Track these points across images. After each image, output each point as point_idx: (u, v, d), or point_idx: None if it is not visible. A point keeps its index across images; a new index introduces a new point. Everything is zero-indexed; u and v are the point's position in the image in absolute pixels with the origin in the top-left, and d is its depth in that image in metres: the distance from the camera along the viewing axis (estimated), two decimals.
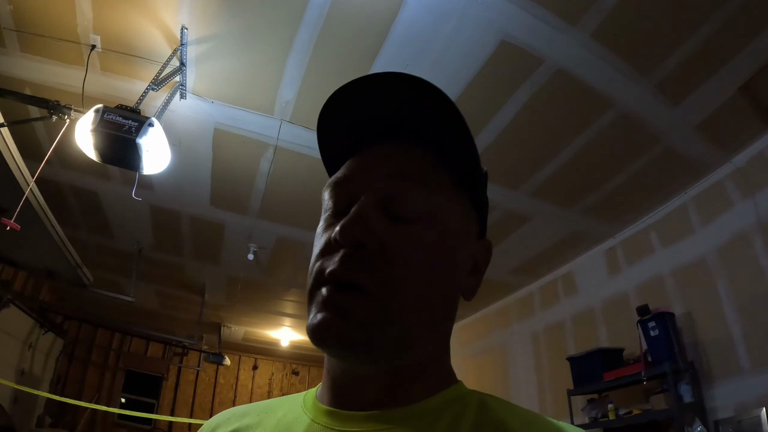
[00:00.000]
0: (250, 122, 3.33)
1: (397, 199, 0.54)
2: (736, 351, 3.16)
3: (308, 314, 0.53)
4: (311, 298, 0.53)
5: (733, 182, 3.39)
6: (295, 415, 0.58)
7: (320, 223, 0.60)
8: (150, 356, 8.89)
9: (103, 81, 3.07)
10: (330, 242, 0.53)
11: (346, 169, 0.59)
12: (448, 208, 0.57)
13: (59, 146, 3.03)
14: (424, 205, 0.55)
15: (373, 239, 0.51)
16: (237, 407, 0.68)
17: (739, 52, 2.61)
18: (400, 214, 0.54)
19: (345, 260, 0.51)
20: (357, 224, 0.51)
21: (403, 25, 2.58)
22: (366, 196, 0.54)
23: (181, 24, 2.65)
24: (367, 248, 0.51)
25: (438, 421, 0.50)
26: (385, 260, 0.51)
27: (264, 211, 4.39)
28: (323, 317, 0.50)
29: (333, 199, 0.59)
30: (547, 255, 4.78)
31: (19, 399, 6.14)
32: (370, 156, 0.59)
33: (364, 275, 0.50)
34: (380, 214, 0.53)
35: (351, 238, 0.50)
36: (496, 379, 5.63)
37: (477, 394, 0.55)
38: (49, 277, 5.10)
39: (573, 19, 2.48)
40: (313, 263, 0.55)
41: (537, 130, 3.22)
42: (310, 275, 0.55)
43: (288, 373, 10.05)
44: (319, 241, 0.57)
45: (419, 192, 0.55)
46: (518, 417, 0.50)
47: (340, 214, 0.55)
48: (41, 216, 3.59)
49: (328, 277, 0.51)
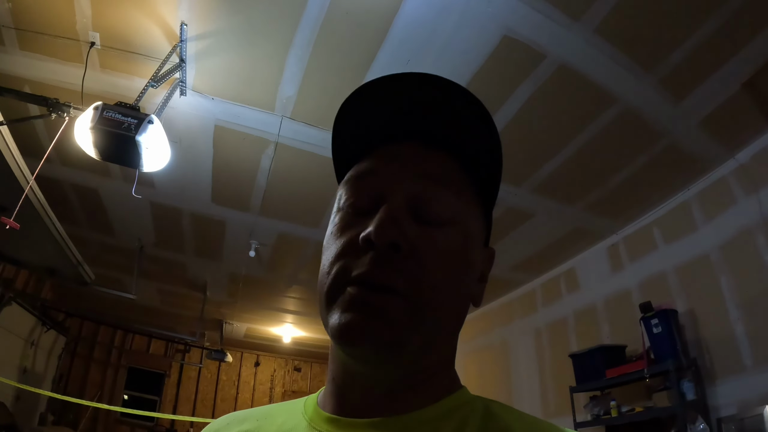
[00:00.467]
0: (250, 119, 3.31)
1: (426, 202, 0.54)
2: (739, 349, 3.15)
3: (328, 315, 0.51)
4: (332, 299, 0.51)
5: (737, 179, 3.37)
6: (295, 421, 0.57)
7: (335, 218, 0.58)
8: (152, 353, 8.91)
9: (103, 78, 3.06)
10: (355, 242, 0.51)
11: (370, 166, 0.58)
12: (469, 214, 0.57)
13: (59, 144, 3.02)
14: (451, 210, 0.54)
15: (406, 241, 0.50)
16: (237, 412, 0.67)
17: (742, 48, 2.59)
18: (427, 217, 0.53)
19: (378, 262, 0.49)
20: (393, 226, 0.50)
21: (405, 21, 2.56)
22: (395, 197, 0.53)
23: (181, 20, 2.64)
24: (401, 251, 0.49)
25: (443, 427, 0.50)
26: (416, 263, 0.50)
27: (265, 208, 4.38)
28: (353, 317, 0.48)
29: (355, 196, 0.57)
30: (549, 251, 4.77)
31: (22, 397, 6.15)
32: (396, 155, 0.57)
33: (397, 277, 0.49)
34: (409, 215, 0.52)
35: (388, 240, 0.49)
36: (498, 376, 5.63)
37: (481, 400, 0.54)
38: (51, 275, 5.11)
39: (576, 14, 2.45)
40: (332, 262, 0.53)
41: (540, 126, 3.20)
42: (328, 275, 0.52)
43: (290, 370, 10.07)
44: (338, 240, 0.54)
45: (447, 196, 0.55)
46: (523, 424, 0.49)
47: (363, 213, 0.54)
48: (42, 214, 3.59)
49: (357, 279, 0.49)
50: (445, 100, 0.55)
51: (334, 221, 0.57)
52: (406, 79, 0.55)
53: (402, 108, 0.57)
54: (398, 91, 0.56)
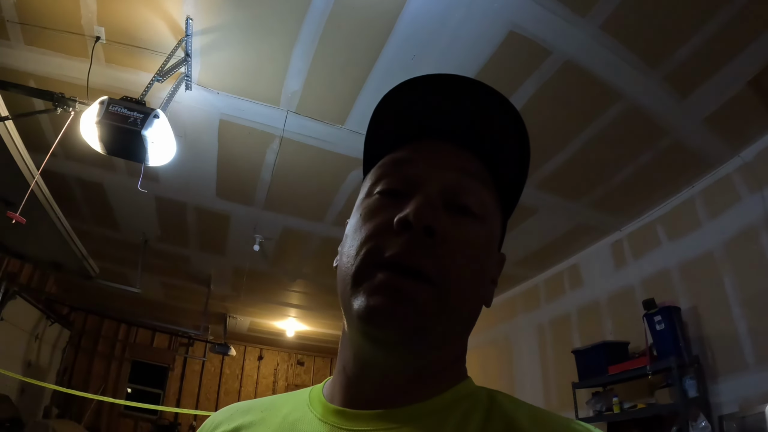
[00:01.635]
0: (255, 113, 3.32)
1: (460, 193, 0.55)
2: (741, 346, 3.15)
3: (352, 296, 0.51)
4: (359, 280, 0.51)
5: (741, 176, 3.37)
6: (301, 413, 0.57)
7: (363, 203, 0.58)
8: (156, 347, 8.95)
9: (108, 73, 3.06)
10: (389, 224, 0.51)
11: (406, 154, 0.59)
12: (494, 213, 0.58)
13: (64, 138, 3.03)
14: (483, 204, 0.56)
15: (441, 227, 0.50)
16: (239, 403, 0.67)
17: (748, 46, 2.58)
18: (459, 208, 0.54)
19: (413, 245, 0.49)
20: (431, 209, 0.50)
21: (411, 16, 2.56)
22: (431, 185, 0.54)
23: (186, 15, 2.63)
24: (435, 236, 0.50)
25: (447, 418, 0.50)
26: (447, 250, 0.51)
27: (270, 202, 4.39)
28: (382, 300, 0.48)
29: (389, 180, 0.57)
30: (553, 247, 4.77)
31: (26, 390, 6.20)
32: (434, 148, 0.59)
33: (428, 262, 0.49)
34: (441, 204, 0.53)
35: (425, 222, 0.49)
36: (500, 371, 5.64)
37: (486, 391, 0.55)
38: (56, 269, 5.13)
39: (582, 10, 2.45)
40: (361, 243, 0.53)
41: (544, 122, 3.20)
42: (356, 256, 0.52)
43: (293, 364, 10.10)
44: (369, 221, 0.54)
45: (480, 191, 0.56)
46: (528, 413, 0.50)
47: (398, 196, 0.55)
48: (47, 208, 3.60)
49: (390, 259, 0.49)
50: (483, 105, 0.56)
51: (362, 206, 0.58)
52: (451, 81, 0.56)
53: (439, 106, 0.58)
54: (441, 90, 0.57)
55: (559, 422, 0.49)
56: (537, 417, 0.49)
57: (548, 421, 0.49)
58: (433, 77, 0.57)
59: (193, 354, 9.19)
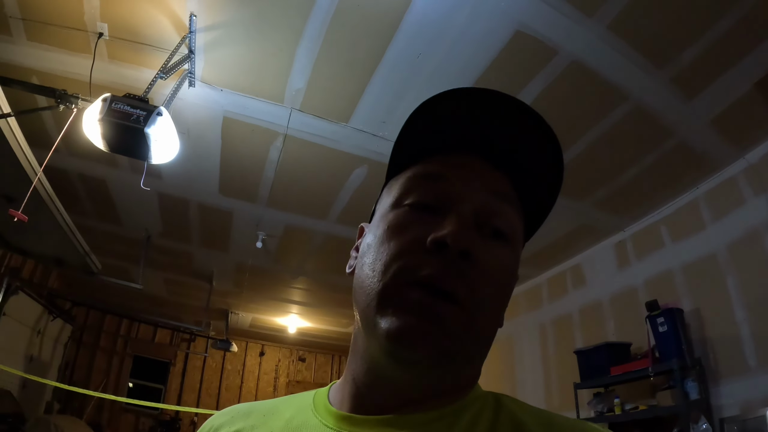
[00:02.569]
0: (259, 110, 3.31)
1: (493, 215, 0.53)
2: (743, 349, 3.15)
3: (379, 315, 0.49)
4: (387, 299, 0.50)
5: (746, 179, 3.35)
6: (305, 417, 0.56)
7: (390, 214, 0.56)
8: (158, 342, 8.98)
9: (111, 69, 3.05)
10: (419, 241, 0.50)
11: (440, 168, 0.57)
12: (520, 236, 0.57)
13: (67, 135, 3.02)
14: (513, 228, 0.55)
15: (476, 252, 0.49)
16: (239, 405, 0.66)
17: (755, 48, 2.57)
18: (492, 231, 0.53)
19: (450, 267, 0.48)
20: (468, 233, 0.49)
21: (416, 14, 2.54)
22: (465, 205, 0.52)
23: (190, 11, 2.62)
24: (470, 259, 0.49)
25: (455, 423, 0.50)
26: (479, 275, 0.50)
27: (273, 200, 4.38)
28: (416, 321, 0.47)
29: (421, 193, 0.55)
30: (556, 247, 4.76)
31: (28, 385, 6.20)
32: (465, 165, 0.57)
33: (462, 286, 0.48)
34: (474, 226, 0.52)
35: (463, 246, 0.48)
36: (502, 371, 5.62)
37: (493, 395, 0.55)
38: (58, 264, 5.13)
39: (589, 11, 2.44)
40: (392, 257, 0.51)
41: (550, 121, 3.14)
42: (384, 273, 0.51)
43: (294, 360, 10.12)
44: (398, 236, 0.52)
45: (512, 214, 0.55)
46: (536, 418, 0.50)
47: (430, 212, 0.53)
48: (49, 204, 3.60)
49: (425, 280, 0.48)
50: (524, 127, 0.55)
51: (387, 217, 0.56)
52: (488, 95, 0.55)
53: (478, 122, 0.56)
54: (478, 104, 0.56)
55: (566, 422, 0.49)
56: (546, 421, 0.49)
57: (557, 423, 0.49)
58: (471, 90, 0.55)
59: (195, 350, 9.20)
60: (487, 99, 0.55)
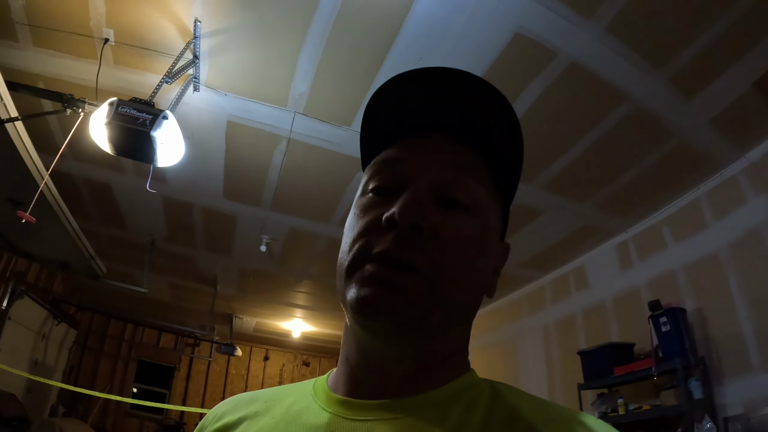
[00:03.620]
0: (263, 114, 3.34)
1: (450, 188, 0.55)
2: (747, 348, 3.14)
3: (346, 291, 0.53)
4: (350, 274, 0.53)
5: (747, 178, 3.36)
6: (305, 403, 0.58)
7: (358, 201, 0.60)
8: (162, 347, 8.99)
9: (117, 74, 3.09)
10: (378, 222, 0.53)
11: (397, 152, 0.60)
12: (489, 206, 0.59)
13: (73, 139, 3.05)
14: (473, 198, 0.56)
15: (428, 224, 0.52)
16: (243, 394, 0.68)
17: (754, 46, 2.57)
18: (450, 203, 0.55)
19: (399, 240, 0.51)
20: (417, 207, 0.52)
21: (416, 18, 2.57)
22: (420, 181, 0.55)
23: (194, 17, 2.66)
24: (422, 232, 0.51)
25: (450, 409, 0.51)
26: (437, 245, 0.52)
27: (276, 203, 4.41)
28: (372, 291, 0.50)
29: (381, 178, 0.59)
30: (558, 249, 4.77)
31: (33, 389, 6.23)
32: (423, 144, 0.59)
33: (418, 257, 0.50)
34: (432, 201, 0.54)
35: (410, 220, 0.50)
36: (506, 373, 5.63)
37: (489, 382, 0.56)
38: (63, 268, 5.15)
39: (588, 12, 2.45)
40: (354, 240, 0.55)
41: (550, 124, 3.20)
42: (349, 252, 0.55)
43: (299, 364, 10.12)
44: (361, 219, 0.56)
45: (470, 184, 0.57)
46: (530, 403, 0.51)
47: (388, 194, 0.56)
48: (55, 208, 3.62)
49: (377, 256, 0.51)
50: (473, 95, 0.57)
51: (357, 204, 0.60)
52: (434, 73, 0.57)
53: (430, 100, 0.59)
54: (426, 84, 0.58)
55: (561, 410, 0.50)
56: (539, 406, 0.50)
57: (550, 409, 0.50)
58: (418, 72, 0.57)
59: (199, 354, 9.22)
60: (434, 76, 0.57)
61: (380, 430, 0.50)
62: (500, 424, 0.48)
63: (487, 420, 0.49)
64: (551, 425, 0.47)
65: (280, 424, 0.56)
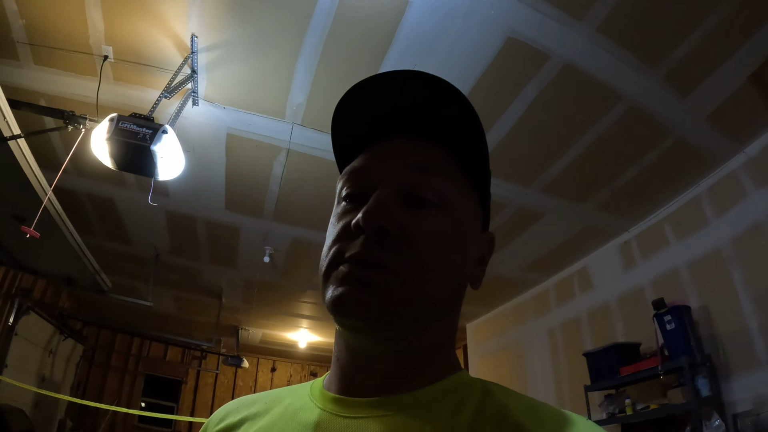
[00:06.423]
0: (262, 126, 3.36)
1: (415, 189, 0.57)
2: (753, 343, 3.13)
3: (325, 292, 0.55)
4: (327, 277, 0.55)
5: (747, 172, 3.36)
6: (302, 402, 0.60)
7: (335, 209, 0.62)
8: (169, 360, 9.00)
9: (117, 90, 3.12)
10: (349, 228, 0.55)
11: (363, 160, 0.62)
12: (461, 199, 0.60)
13: (75, 155, 3.09)
14: (440, 195, 0.57)
15: (395, 226, 0.53)
16: (246, 396, 0.70)
17: (746, 40, 2.59)
18: (417, 203, 0.56)
19: (367, 244, 0.53)
20: (380, 211, 0.53)
21: (410, 26, 2.60)
22: (385, 186, 0.57)
23: (191, 32, 2.69)
24: (389, 234, 0.53)
25: (441, 406, 0.52)
26: (406, 244, 0.53)
27: (278, 214, 4.42)
28: (345, 289, 0.52)
29: (350, 187, 0.61)
30: (561, 251, 4.77)
31: (41, 404, 6.24)
32: (387, 148, 0.61)
33: (388, 256, 0.52)
34: (399, 203, 0.55)
35: (374, 223, 0.52)
36: (513, 377, 5.63)
37: (481, 382, 0.57)
38: (69, 283, 5.18)
39: (578, 14, 2.47)
40: (329, 247, 0.57)
41: (547, 126, 3.22)
42: (325, 258, 0.57)
43: (306, 375, 10.12)
44: (335, 227, 0.59)
45: (435, 182, 0.58)
46: (521, 403, 0.52)
47: (358, 202, 0.58)
48: (59, 224, 3.66)
49: (349, 258, 0.53)
50: (426, 93, 0.58)
51: (333, 212, 0.62)
52: (388, 77, 0.58)
53: (388, 104, 0.60)
54: (382, 89, 0.59)
55: (553, 412, 0.51)
56: (530, 406, 0.51)
57: (541, 410, 0.51)
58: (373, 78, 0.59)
59: (206, 367, 9.22)
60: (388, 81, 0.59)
61: (371, 427, 0.51)
62: (489, 422, 0.49)
63: (476, 418, 0.50)
64: (540, 425, 0.48)
65: (277, 423, 0.58)
